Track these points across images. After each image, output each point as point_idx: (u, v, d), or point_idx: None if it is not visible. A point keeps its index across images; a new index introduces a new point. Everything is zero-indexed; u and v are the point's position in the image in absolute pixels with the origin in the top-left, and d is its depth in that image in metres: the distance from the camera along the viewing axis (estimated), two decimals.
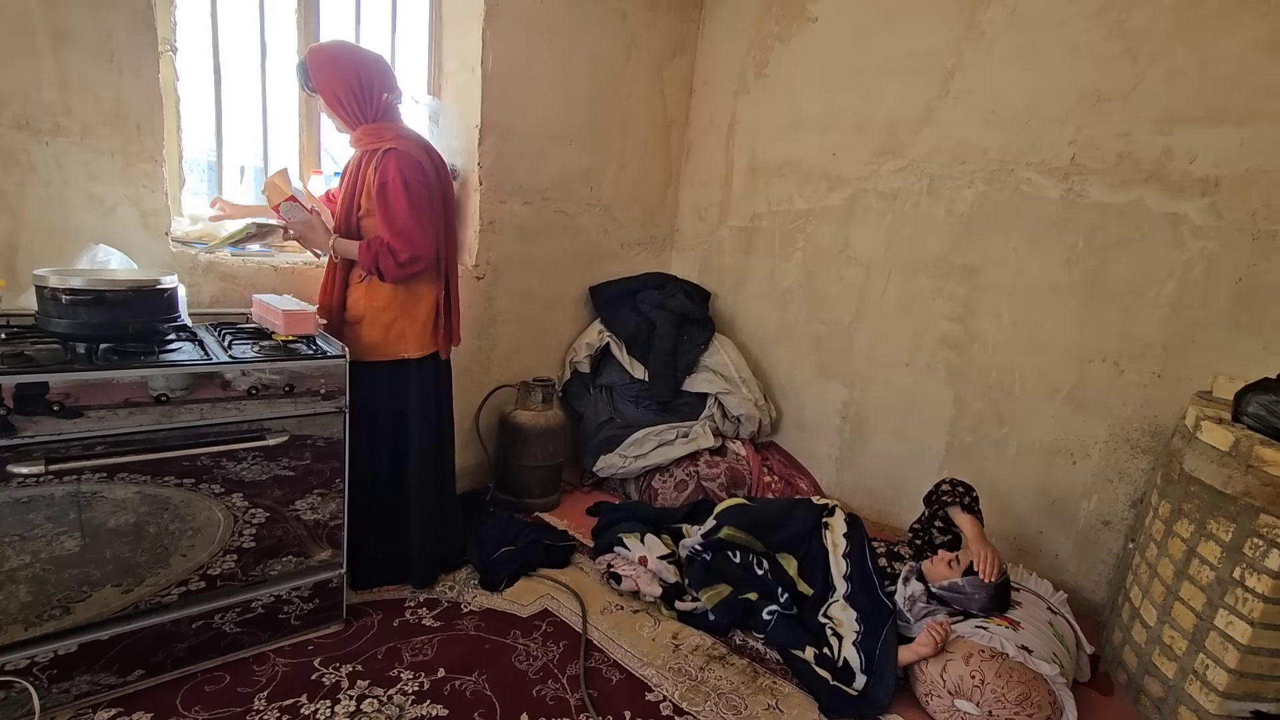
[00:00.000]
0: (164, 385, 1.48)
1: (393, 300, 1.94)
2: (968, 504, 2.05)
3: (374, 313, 1.94)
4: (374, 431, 1.99)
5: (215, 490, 1.61)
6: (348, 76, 1.82)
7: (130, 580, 1.56)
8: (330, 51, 1.86)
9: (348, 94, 1.83)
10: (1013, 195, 2.43)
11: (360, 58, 1.86)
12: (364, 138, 1.89)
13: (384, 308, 1.94)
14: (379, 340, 1.95)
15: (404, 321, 1.96)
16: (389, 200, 1.83)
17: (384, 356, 1.97)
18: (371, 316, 1.94)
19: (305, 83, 1.87)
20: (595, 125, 2.93)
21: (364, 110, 1.87)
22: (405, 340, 1.97)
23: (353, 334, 1.96)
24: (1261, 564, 1.58)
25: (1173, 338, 2.16)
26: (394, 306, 1.95)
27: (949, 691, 1.73)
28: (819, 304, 3.00)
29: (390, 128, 1.90)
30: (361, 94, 1.84)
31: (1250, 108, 1.98)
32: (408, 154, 1.85)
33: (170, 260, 1.92)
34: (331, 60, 1.84)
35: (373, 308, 1.94)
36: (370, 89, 1.85)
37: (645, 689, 1.78)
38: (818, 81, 2.89)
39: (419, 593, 2.08)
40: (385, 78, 1.89)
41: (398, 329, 1.96)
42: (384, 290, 1.94)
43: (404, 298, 1.96)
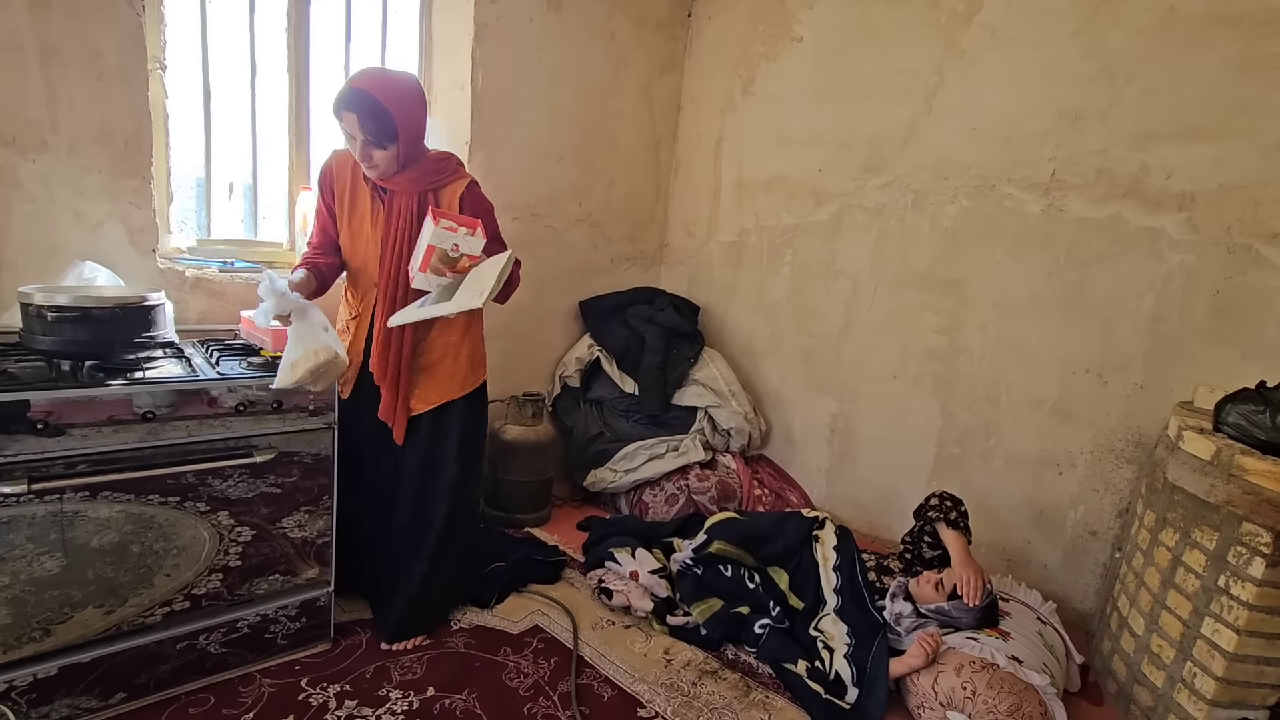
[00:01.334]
0: (150, 402, 1.47)
1: (468, 329, 1.88)
2: (954, 520, 2.04)
3: (454, 348, 1.86)
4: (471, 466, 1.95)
5: (201, 508, 1.59)
6: (419, 110, 1.65)
7: (113, 601, 1.53)
8: (409, 89, 1.65)
9: (423, 133, 1.69)
10: (995, 210, 2.47)
11: (422, 89, 1.71)
12: (421, 177, 1.70)
13: (462, 338, 1.87)
14: (466, 373, 1.89)
15: (476, 349, 1.93)
16: (494, 227, 1.83)
17: (471, 388, 1.91)
18: (453, 354, 1.86)
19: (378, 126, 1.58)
20: (584, 142, 2.96)
21: (422, 146, 1.72)
22: (481, 366, 1.95)
23: (429, 377, 1.85)
24: (1245, 571, 1.60)
25: (1154, 349, 2.19)
26: (470, 335, 1.89)
27: (941, 703, 1.73)
28: (807, 317, 3.02)
29: (444, 157, 1.79)
30: (423, 128, 1.72)
31: (1223, 125, 2.03)
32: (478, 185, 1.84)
33: (157, 277, 1.91)
34: (413, 101, 1.63)
35: (451, 343, 1.85)
36: (424, 123, 1.73)
37: (637, 705, 1.77)
38: (803, 99, 2.94)
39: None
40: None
41: (478, 355, 1.94)
42: (459, 321, 1.83)
43: (475, 327, 1.92)
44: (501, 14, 2.52)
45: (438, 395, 1.86)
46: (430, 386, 1.85)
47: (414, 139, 1.68)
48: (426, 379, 1.85)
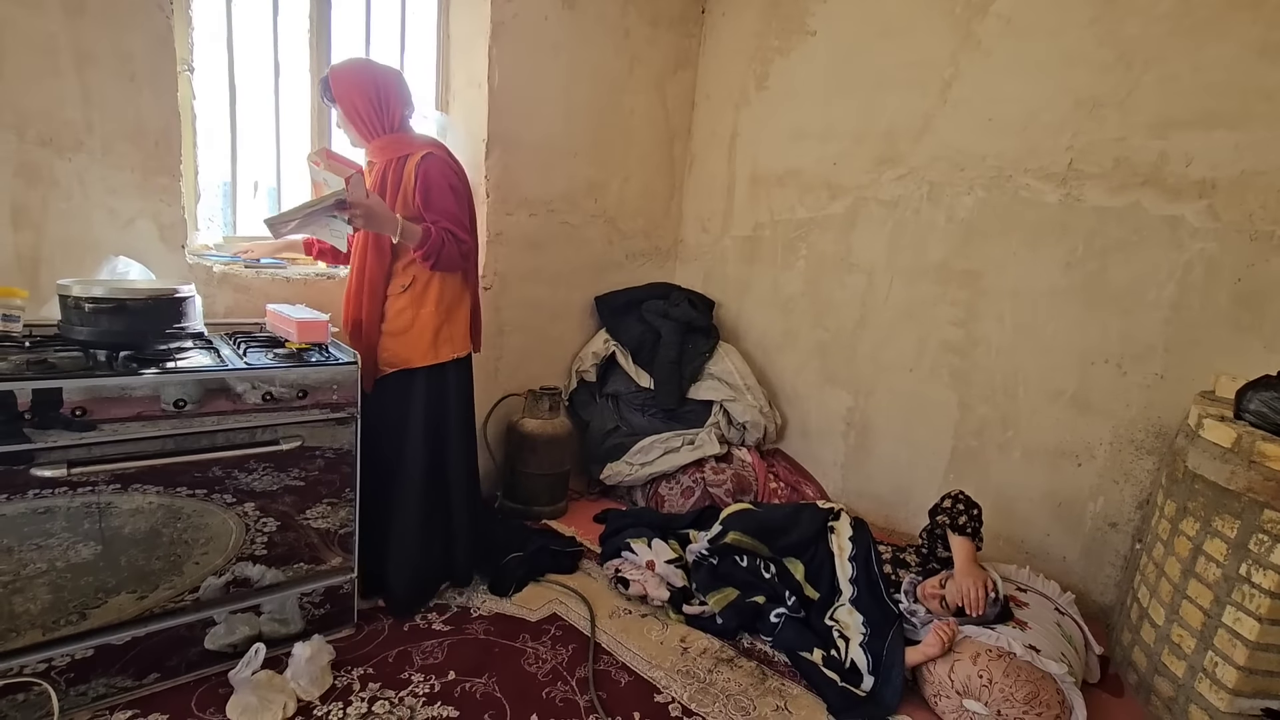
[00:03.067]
0: (181, 392, 1.52)
1: (439, 306, 1.97)
2: (960, 525, 1.99)
3: (422, 320, 1.96)
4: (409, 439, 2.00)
5: (228, 500, 1.64)
6: (366, 88, 1.87)
7: (145, 587, 1.59)
8: (350, 66, 1.91)
9: (366, 105, 1.87)
10: (1012, 201, 2.46)
11: (378, 71, 1.91)
12: (387, 147, 1.91)
13: (431, 314, 1.96)
14: (426, 347, 1.97)
15: (449, 326, 2.00)
16: (442, 199, 1.88)
17: (430, 361, 1.98)
18: (420, 324, 1.96)
19: (325, 94, 1.92)
20: (599, 139, 2.99)
21: (381, 122, 1.90)
22: (452, 342, 2.02)
23: (396, 345, 1.97)
24: (1267, 559, 1.58)
25: (1174, 339, 2.17)
26: (440, 312, 1.97)
27: (957, 691, 1.73)
28: (822, 311, 3.02)
29: (414, 137, 1.96)
30: (379, 105, 1.88)
31: (1244, 111, 2.01)
32: (444, 160, 1.91)
33: (186, 272, 1.97)
34: (351, 74, 1.89)
35: (420, 315, 1.95)
36: (387, 101, 1.89)
37: (654, 690, 1.79)
38: (817, 93, 2.94)
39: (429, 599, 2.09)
40: (401, 91, 1.93)
41: (445, 333, 2.00)
42: (430, 297, 1.95)
43: (449, 302, 1.99)
44: (517, 12, 2.55)
45: (402, 360, 1.96)
46: (396, 351, 1.97)
47: (355, 108, 1.87)
48: (392, 344, 1.97)
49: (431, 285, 1.96)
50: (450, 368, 2.03)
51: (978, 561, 1.96)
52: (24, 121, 1.69)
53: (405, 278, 1.95)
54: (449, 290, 2.00)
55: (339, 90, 1.88)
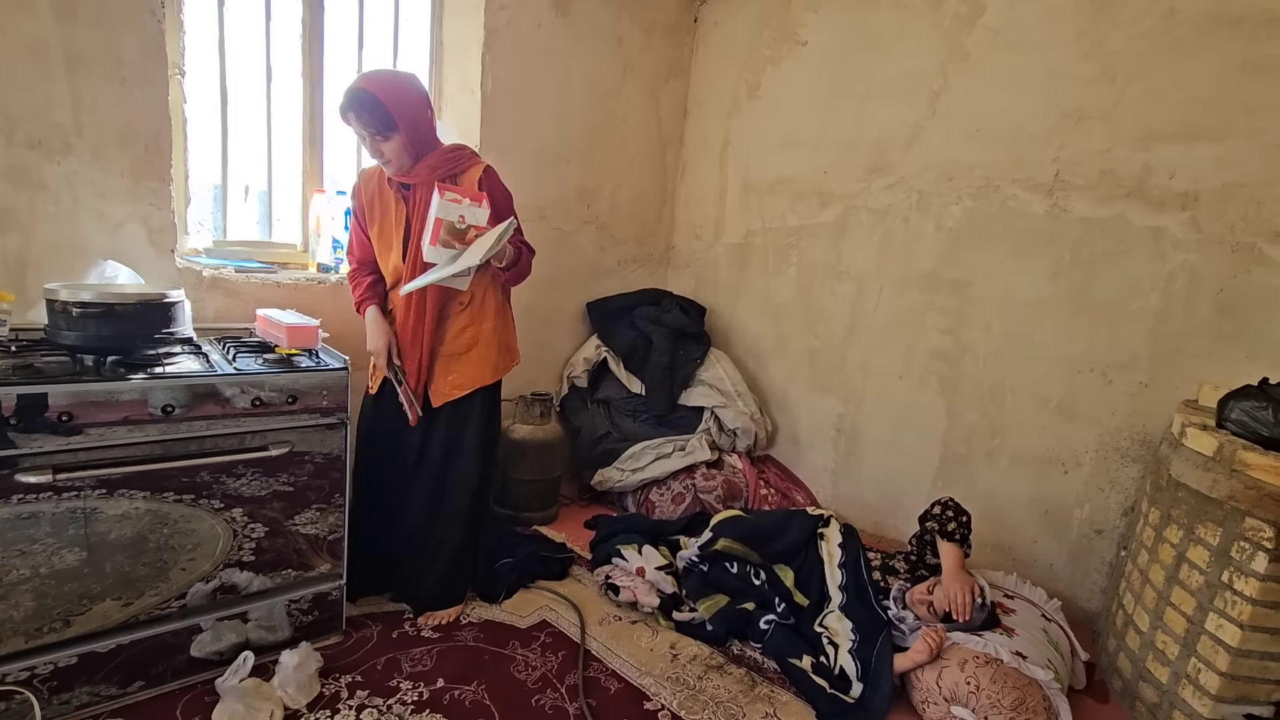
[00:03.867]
0: (170, 397, 1.51)
1: (499, 318, 1.97)
2: (949, 531, 2.01)
3: (488, 335, 1.94)
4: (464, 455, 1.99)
5: (216, 505, 1.63)
6: (423, 106, 1.75)
7: (130, 593, 1.57)
8: (403, 82, 1.75)
9: (425, 122, 1.75)
10: (999, 211, 2.49)
11: (420, 84, 1.79)
12: (438, 165, 1.77)
13: (494, 327, 1.95)
14: (496, 361, 1.96)
15: (507, 334, 2.02)
16: (510, 211, 1.86)
17: (500, 375, 1.99)
18: (486, 339, 1.94)
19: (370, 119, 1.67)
20: (592, 145, 3.00)
21: (430, 137, 1.80)
22: (510, 350, 2.03)
23: (464, 365, 1.92)
24: (1249, 567, 1.60)
25: (1158, 348, 2.20)
26: (500, 326, 1.98)
27: (945, 698, 1.74)
28: (813, 318, 3.04)
29: (459, 148, 1.87)
30: (430, 121, 1.80)
31: (1225, 125, 2.05)
32: (495, 171, 1.89)
33: (176, 277, 1.96)
34: (408, 90, 1.72)
35: (484, 330, 1.93)
36: (432, 115, 1.82)
37: (644, 698, 1.79)
38: (809, 102, 2.97)
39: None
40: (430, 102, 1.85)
41: (505, 342, 2.01)
42: (490, 310, 1.94)
43: (507, 314, 2.01)
44: (511, 19, 2.56)
45: (470, 380, 1.93)
46: (462, 372, 1.92)
47: (416, 127, 1.72)
48: (458, 365, 1.92)
49: (488, 298, 1.93)
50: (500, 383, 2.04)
51: (966, 568, 1.97)
52: (12, 125, 1.69)
53: (464, 295, 1.89)
54: (502, 300, 2.00)
55: (400, 108, 1.65)
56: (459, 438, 1.97)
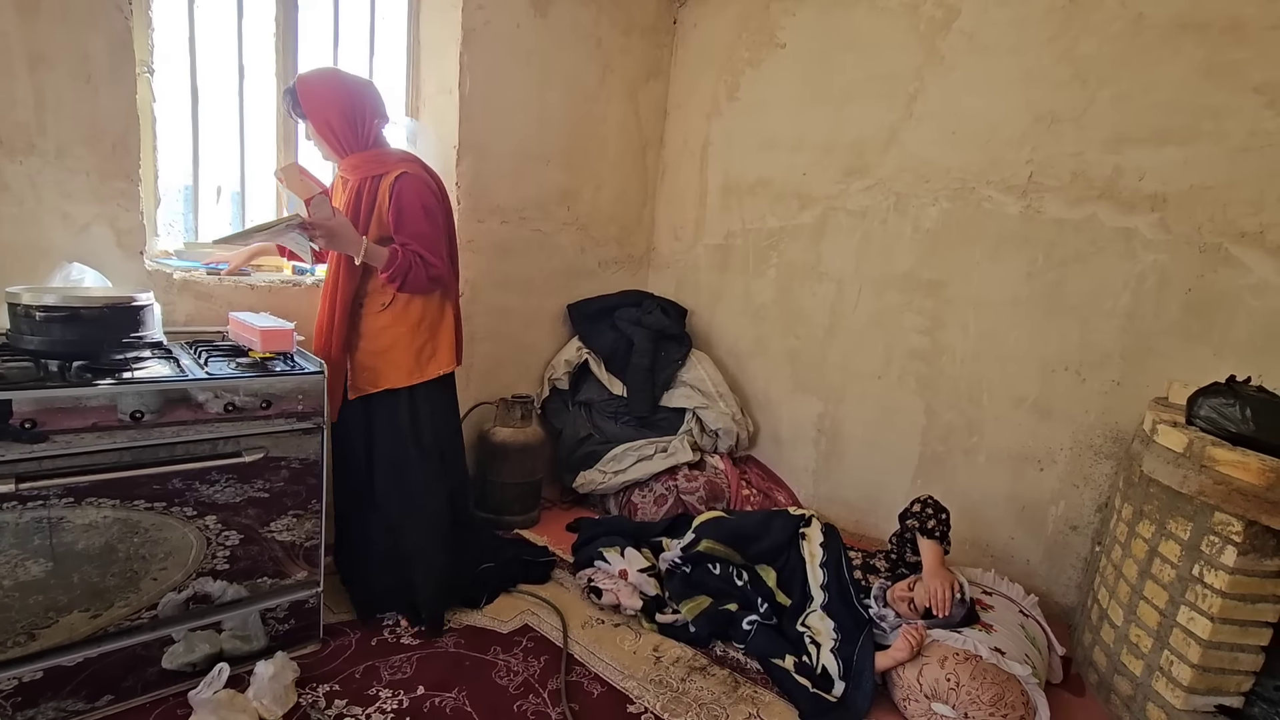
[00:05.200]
0: (139, 403, 1.47)
1: (422, 322, 1.95)
2: (929, 529, 2.03)
3: (404, 338, 1.93)
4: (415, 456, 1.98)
5: (188, 513, 1.59)
6: (341, 103, 1.80)
7: (99, 605, 1.53)
8: (321, 78, 1.84)
9: (340, 121, 1.81)
10: (975, 212, 2.52)
11: (351, 83, 1.85)
12: (362, 164, 1.85)
13: (414, 331, 1.94)
14: (412, 364, 1.94)
15: (433, 343, 1.98)
16: (414, 220, 1.83)
17: (415, 380, 1.96)
18: (404, 342, 1.93)
19: (294, 109, 1.84)
20: (572, 146, 2.99)
21: (356, 138, 1.84)
22: (437, 359, 1.99)
23: (378, 364, 1.93)
24: (1218, 560, 1.64)
25: (1130, 347, 2.25)
26: (424, 328, 1.95)
27: (925, 695, 1.76)
28: (793, 319, 3.06)
29: (390, 153, 1.90)
30: (354, 121, 1.82)
31: (1191, 128, 2.10)
32: (419, 177, 1.87)
33: (145, 279, 1.91)
34: (323, 86, 1.81)
35: (402, 334, 1.92)
36: (362, 116, 1.84)
37: (627, 701, 1.78)
38: (787, 104, 2.99)
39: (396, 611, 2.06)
40: (376, 103, 1.88)
41: (429, 349, 1.97)
42: (413, 313, 1.93)
43: (432, 318, 1.97)
44: (489, 19, 2.54)
45: (390, 380, 1.93)
46: (378, 371, 1.94)
47: (329, 123, 1.81)
48: (374, 364, 1.94)
49: (414, 302, 1.93)
50: (435, 385, 2.01)
51: (945, 565, 1.99)
52: None
53: (385, 295, 1.91)
54: (431, 306, 1.97)
55: (310, 105, 1.80)
56: (399, 442, 1.96)
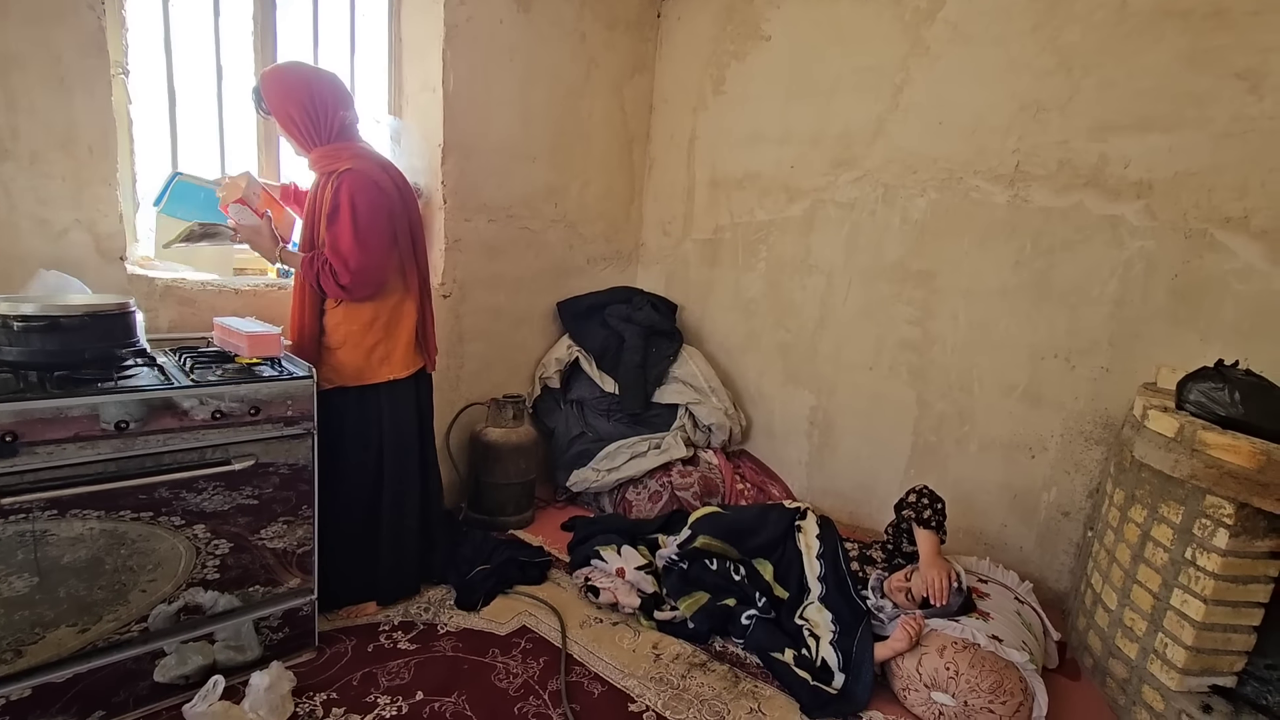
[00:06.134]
0: (123, 412, 1.44)
1: (374, 323, 1.92)
2: (925, 519, 2.03)
3: (355, 337, 1.91)
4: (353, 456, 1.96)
5: (175, 522, 1.56)
6: (300, 96, 1.81)
7: (87, 619, 1.50)
8: (282, 72, 1.85)
9: (301, 114, 1.81)
10: (962, 202, 2.53)
11: (313, 77, 1.85)
12: (320, 160, 1.86)
13: (365, 331, 1.91)
14: (362, 364, 1.92)
15: (387, 344, 1.95)
16: (338, 225, 1.81)
17: (368, 380, 1.93)
18: (353, 341, 1.91)
19: (259, 105, 1.86)
20: (558, 143, 2.96)
21: (318, 131, 1.84)
22: (389, 362, 1.96)
23: (334, 360, 1.92)
24: (1210, 543, 1.66)
25: (1118, 333, 2.26)
26: (376, 329, 1.92)
27: (925, 684, 1.76)
28: (784, 312, 3.06)
29: (346, 148, 1.87)
30: (315, 114, 1.82)
31: (1176, 115, 2.11)
32: (363, 174, 1.82)
33: (126, 285, 1.87)
34: (283, 80, 1.82)
35: (353, 332, 1.90)
36: (324, 108, 1.83)
37: (628, 700, 1.77)
38: (773, 97, 2.98)
39: (393, 615, 2.04)
40: (340, 96, 1.87)
41: (381, 351, 1.94)
42: (364, 313, 1.91)
43: (386, 320, 1.94)
44: (471, 15, 2.51)
45: (341, 377, 1.91)
46: (334, 367, 1.91)
47: (291, 118, 1.81)
48: (330, 359, 1.92)
49: (365, 303, 1.90)
50: (386, 389, 1.97)
51: (942, 554, 2.00)
52: None
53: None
54: (384, 306, 1.93)
55: (271, 98, 1.82)
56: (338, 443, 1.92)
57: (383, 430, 1.99)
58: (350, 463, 1.95)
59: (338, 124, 1.86)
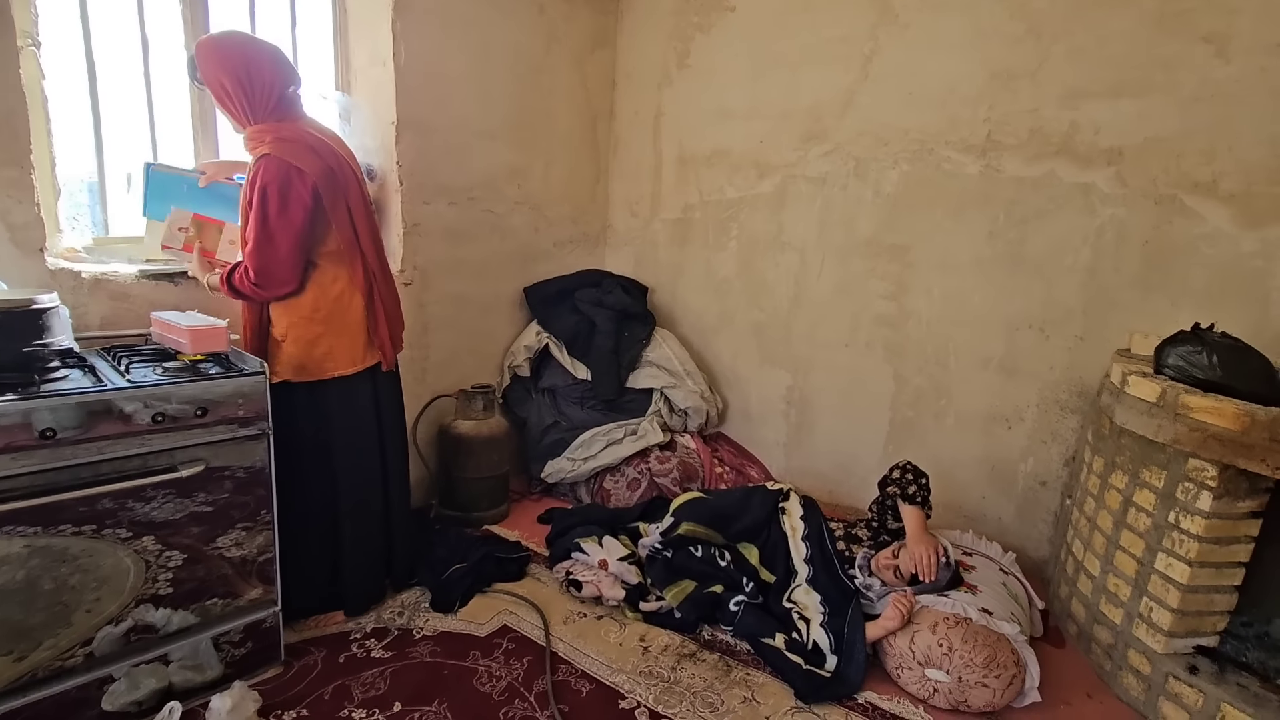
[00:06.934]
0: (50, 419, 1.30)
1: (314, 315, 1.78)
2: (911, 495, 2.02)
3: (296, 329, 1.77)
4: (306, 456, 1.84)
5: (122, 535, 1.43)
6: (234, 67, 1.66)
7: (24, 645, 1.36)
8: (219, 40, 1.71)
9: (236, 86, 1.67)
10: (935, 173, 2.50)
11: (251, 48, 1.71)
12: (249, 140, 1.73)
13: (305, 323, 1.78)
14: (304, 359, 1.79)
15: (330, 338, 1.81)
16: (254, 215, 1.66)
17: (313, 376, 1.81)
18: (294, 334, 1.78)
19: (193, 75, 1.72)
20: (519, 120, 2.84)
21: (253, 106, 1.70)
22: (334, 357, 1.82)
23: (280, 353, 1.80)
24: (1194, 506, 1.66)
25: (1091, 301, 2.27)
26: (316, 321, 1.79)
27: (919, 662, 1.74)
28: (757, 292, 3.00)
29: (274, 129, 1.70)
30: (251, 87, 1.68)
31: (1145, 80, 2.10)
32: (278, 159, 1.65)
33: (47, 279, 1.70)
34: (219, 49, 1.68)
35: (294, 324, 1.77)
36: (260, 82, 1.68)
37: (618, 697, 1.71)
38: (740, 71, 2.90)
39: (364, 622, 1.93)
40: (280, 70, 1.73)
41: (324, 346, 1.80)
42: (303, 304, 1.77)
43: (327, 311, 1.80)
44: None
45: (287, 372, 1.80)
46: (280, 361, 1.80)
47: (226, 94, 1.69)
48: (277, 352, 1.81)
49: (306, 296, 1.77)
50: (333, 386, 1.84)
51: (928, 529, 1.98)
52: None
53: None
54: (325, 296, 1.79)
55: (205, 69, 1.69)
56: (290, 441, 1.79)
57: (332, 430, 1.86)
58: (305, 463, 1.83)
59: (275, 100, 1.72)
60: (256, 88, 1.69)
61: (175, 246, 1.85)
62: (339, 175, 1.76)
